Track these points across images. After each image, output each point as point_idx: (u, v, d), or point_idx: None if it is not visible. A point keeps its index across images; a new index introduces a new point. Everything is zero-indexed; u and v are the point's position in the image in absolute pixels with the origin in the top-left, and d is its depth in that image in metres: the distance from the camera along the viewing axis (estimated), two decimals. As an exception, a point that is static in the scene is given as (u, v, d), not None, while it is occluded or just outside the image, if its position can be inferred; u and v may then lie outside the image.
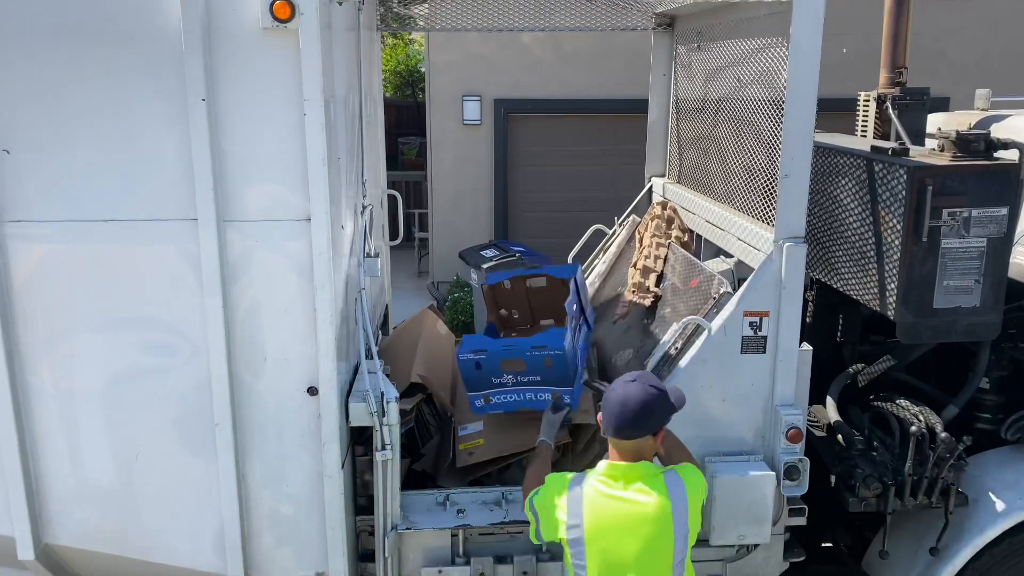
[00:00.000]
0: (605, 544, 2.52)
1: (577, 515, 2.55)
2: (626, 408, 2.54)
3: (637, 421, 2.55)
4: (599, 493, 2.56)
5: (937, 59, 10.10)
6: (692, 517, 2.58)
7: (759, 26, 3.58)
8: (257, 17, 2.78)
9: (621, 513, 2.52)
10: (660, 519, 2.52)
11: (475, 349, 3.69)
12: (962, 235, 3.23)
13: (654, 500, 2.52)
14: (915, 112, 4.50)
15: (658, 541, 2.51)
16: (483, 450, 3.60)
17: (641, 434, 2.57)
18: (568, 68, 10.10)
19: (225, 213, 2.93)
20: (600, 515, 2.54)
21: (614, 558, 2.51)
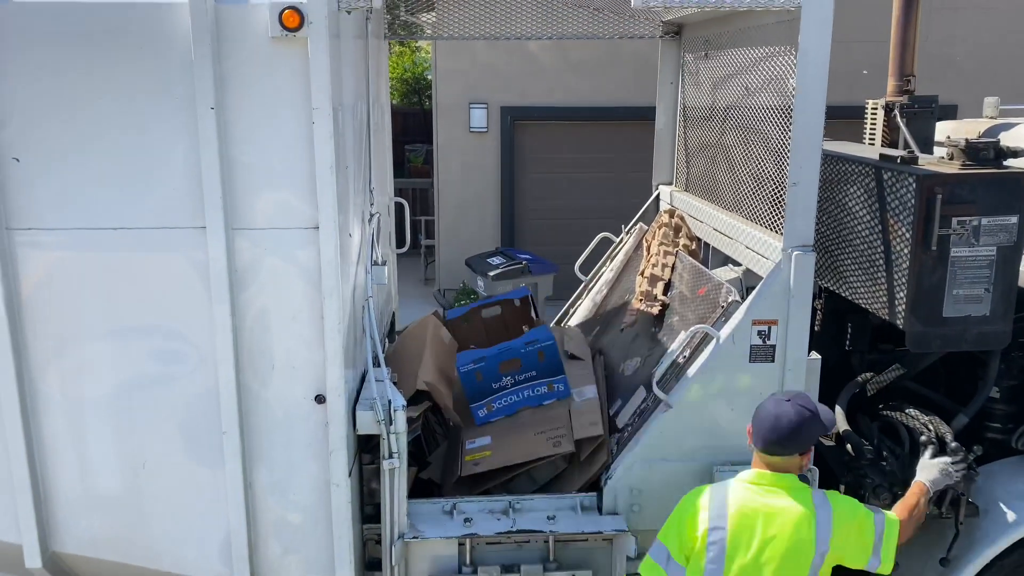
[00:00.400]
0: (748, 544, 2.61)
1: (722, 517, 2.66)
2: (779, 426, 2.69)
3: (788, 440, 2.69)
4: (746, 496, 2.67)
5: (945, 67, 10.08)
6: (836, 539, 2.63)
7: (767, 34, 3.58)
8: (266, 26, 2.79)
9: (768, 515, 2.62)
10: (802, 528, 2.60)
11: (474, 359, 3.92)
12: (972, 244, 3.22)
13: (799, 509, 2.62)
14: (923, 120, 4.48)
15: (797, 549, 2.59)
16: (489, 461, 3.61)
17: (789, 452, 2.71)
18: (574, 76, 10.12)
19: (233, 221, 2.94)
20: (745, 516, 2.64)
21: (754, 560, 2.60)
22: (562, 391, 3.89)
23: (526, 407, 3.90)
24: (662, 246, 4.24)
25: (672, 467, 3.41)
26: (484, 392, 3.93)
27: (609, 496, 3.42)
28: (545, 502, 3.45)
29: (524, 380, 3.92)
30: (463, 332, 4.76)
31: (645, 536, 3.45)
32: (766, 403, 2.78)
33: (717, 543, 2.63)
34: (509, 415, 3.89)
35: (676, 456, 3.41)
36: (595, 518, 3.41)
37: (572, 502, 3.46)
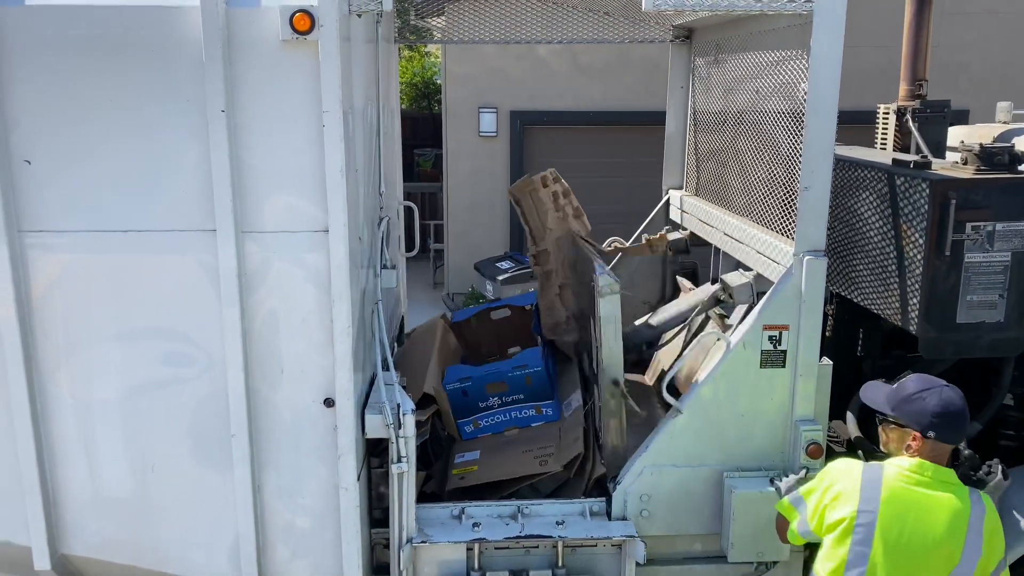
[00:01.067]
0: (899, 531, 2.52)
1: (873, 500, 2.57)
2: (956, 411, 2.59)
3: (965, 424, 2.62)
4: (903, 483, 2.57)
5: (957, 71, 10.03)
6: (987, 540, 2.54)
7: (778, 38, 3.56)
8: (277, 29, 2.79)
9: (923, 505, 2.54)
10: (957, 522, 2.52)
11: (460, 378, 3.95)
12: (986, 249, 3.19)
13: (957, 503, 2.54)
14: (935, 125, 4.45)
15: (948, 543, 2.51)
16: (475, 475, 3.62)
17: (962, 438, 2.64)
18: (584, 80, 10.11)
19: (243, 224, 2.94)
20: (900, 502, 2.55)
21: (903, 547, 2.52)
22: (551, 415, 3.90)
23: (513, 427, 3.93)
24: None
25: (682, 473, 3.39)
26: (471, 409, 3.96)
27: (618, 501, 3.40)
28: (554, 507, 3.43)
29: (511, 402, 3.95)
30: (472, 332, 4.76)
31: (655, 542, 3.44)
32: (932, 391, 2.60)
33: (865, 526, 2.54)
34: (496, 433, 3.91)
35: (686, 462, 3.39)
36: (604, 523, 3.39)
37: (581, 507, 3.44)
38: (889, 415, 2.69)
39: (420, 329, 4.87)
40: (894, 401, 2.67)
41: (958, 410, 2.59)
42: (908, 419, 2.62)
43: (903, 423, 2.63)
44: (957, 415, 2.59)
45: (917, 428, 2.60)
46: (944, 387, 2.64)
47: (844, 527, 2.59)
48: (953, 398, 2.61)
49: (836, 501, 2.62)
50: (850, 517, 2.58)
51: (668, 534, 3.46)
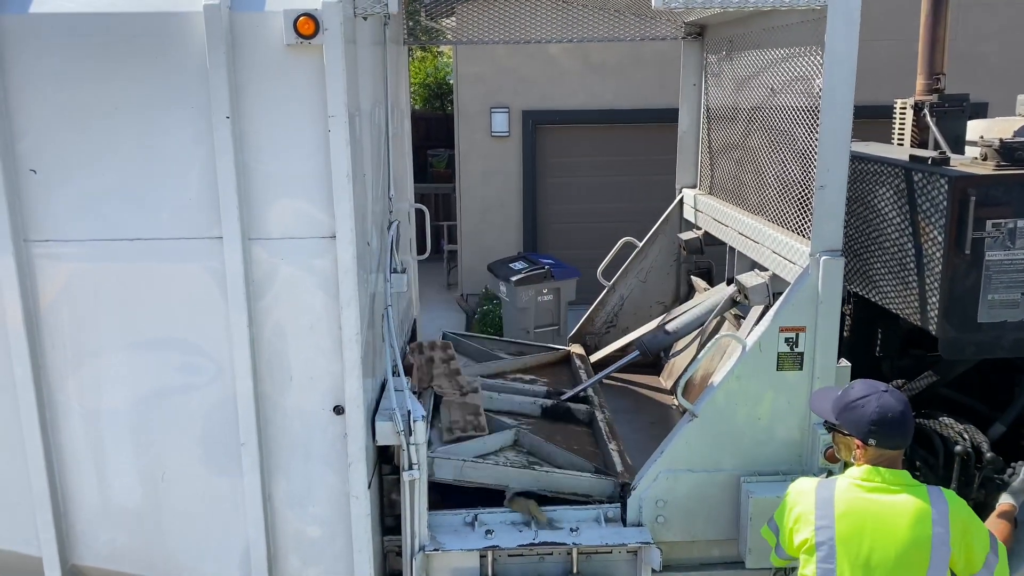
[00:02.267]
0: (859, 543, 2.47)
1: (827, 516, 2.52)
2: (903, 417, 2.52)
3: (909, 430, 2.54)
4: (856, 494, 2.52)
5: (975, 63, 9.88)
6: (954, 538, 2.45)
7: (792, 34, 3.49)
8: (281, 34, 2.76)
9: (880, 513, 2.47)
10: (919, 524, 2.44)
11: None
12: (1007, 247, 3.11)
13: (915, 504, 2.46)
14: (954, 119, 4.37)
15: (914, 548, 2.44)
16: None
17: (905, 443, 2.55)
18: (596, 79, 10.05)
19: (250, 231, 2.91)
20: (856, 514, 2.49)
21: (867, 559, 2.46)
22: None
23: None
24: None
25: (698, 478, 3.34)
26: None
27: (633, 507, 3.35)
28: (568, 513, 3.39)
29: None
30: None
31: (671, 548, 3.38)
32: (870, 398, 2.54)
33: (826, 543, 2.50)
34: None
35: (702, 466, 3.34)
36: (619, 530, 3.34)
37: (596, 513, 3.39)
38: (835, 423, 2.62)
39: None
40: (837, 409, 2.60)
41: (897, 415, 2.50)
42: (849, 427, 2.55)
43: (845, 431, 2.57)
44: (896, 421, 2.50)
45: (858, 436, 2.54)
46: (884, 392, 2.55)
47: (807, 547, 2.54)
48: (891, 403, 2.53)
49: (798, 523, 2.58)
50: (811, 537, 2.53)
51: (684, 540, 3.41)
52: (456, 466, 3.39)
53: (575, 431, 4.03)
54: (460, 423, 3.64)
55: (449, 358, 4.25)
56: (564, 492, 3.45)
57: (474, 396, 3.87)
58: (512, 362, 4.75)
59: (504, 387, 4.33)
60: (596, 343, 5.15)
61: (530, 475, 3.45)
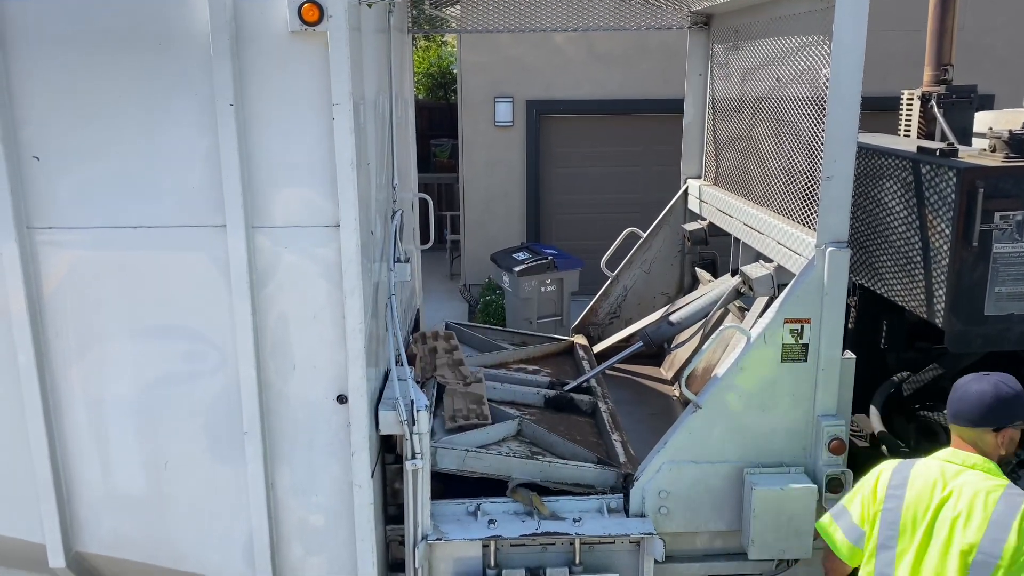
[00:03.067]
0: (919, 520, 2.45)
1: (900, 486, 2.51)
2: (967, 395, 2.52)
3: (975, 410, 2.49)
4: (930, 470, 2.50)
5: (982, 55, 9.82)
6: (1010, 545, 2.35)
7: (799, 24, 3.47)
8: (285, 21, 2.74)
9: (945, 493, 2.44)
10: (976, 515, 2.39)
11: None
12: (1015, 239, 3.09)
13: (981, 493, 2.40)
14: (961, 111, 4.34)
15: (966, 530, 2.39)
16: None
17: (977, 424, 2.49)
18: (601, 68, 10.00)
19: (254, 219, 2.90)
20: (923, 490, 2.47)
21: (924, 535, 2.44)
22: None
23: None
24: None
25: (701, 469, 3.34)
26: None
27: (636, 498, 3.35)
28: (571, 504, 3.39)
29: None
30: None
31: (673, 539, 3.39)
32: (965, 377, 2.58)
33: (892, 511, 2.49)
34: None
35: (705, 458, 3.33)
36: (622, 520, 3.34)
37: (599, 504, 3.39)
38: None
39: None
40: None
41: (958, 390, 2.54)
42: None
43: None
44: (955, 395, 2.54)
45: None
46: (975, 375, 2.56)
47: (874, 514, 2.53)
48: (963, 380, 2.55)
49: (874, 489, 2.56)
50: (880, 503, 2.52)
51: (687, 531, 3.41)
52: (459, 456, 3.39)
53: (578, 422, 4.03)
54: (463, 411, 3.63)
55: (452, 348, 4.24)
56: (567, 483, 3.45)
57: (477, 386, 3.86)
58: (515, 352, 4.74)
59: (507, 377, 4.33)
60: (599, 334, 5.15)
61: (533, 465, 3.45)
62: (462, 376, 3.94)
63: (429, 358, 4.12)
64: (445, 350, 4.23)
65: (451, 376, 3.94)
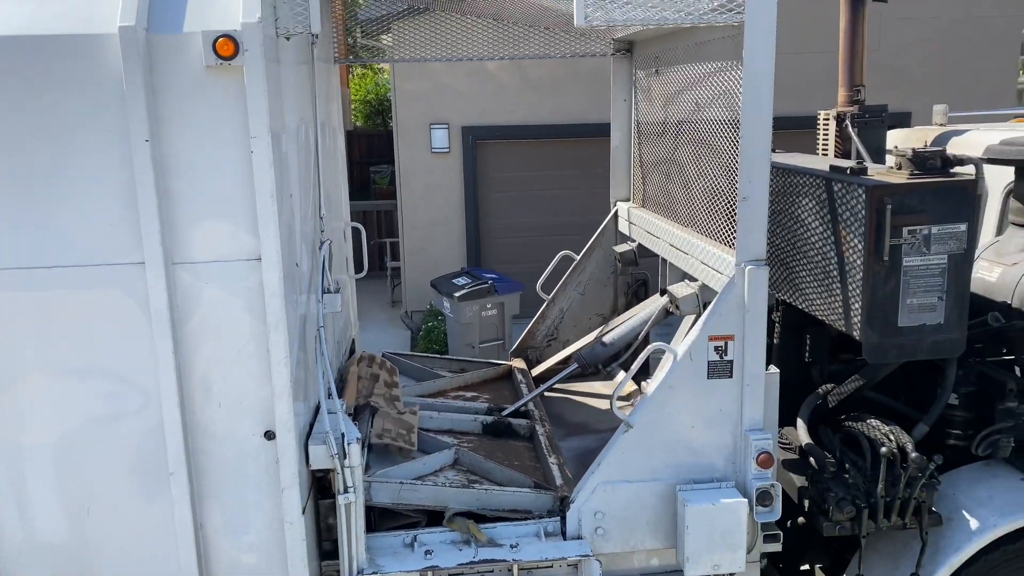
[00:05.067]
0: None
1: None
2: None
3: None
4: None
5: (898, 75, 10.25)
6: None
7: (714, 49, 3.57)
8: (200, 55, 2.72)
9: None
10: None
11: None
12: (923, 252, 3.22)
13: None
14: (874, 129, 4.53)
15: None
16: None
17: None
18: (534, 94, 10.15)
19: (173, 255, 2.86)
20: None
21: None
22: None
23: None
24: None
25: (635, 488, 3.37)
26: None
27: (573, 520, 3.36)
28: (508, 530, 3.38)
29: None
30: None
31: (611, 559, 3.40)
32: None
33: None
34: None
35: (638, 476, 3.36)
36: (559, 544, 3.35)
37: (536, 528, 3.39)
38: None
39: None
40: None
41: None
42: None
43: None
44: None
45: None
46: None
47: None
48: None
49: None
50: None
51: (624, 551, 3.43)
52: (393, 489, 3.36)
53: (516, 446, 4.03)
54: (392, 432, 3.61)
55: (393, 384, 4.21)
56: (504, 509, 3.45)
57: (410, 416, 3.85)
58: (453, 380, 4.74)
59: (444, 406, 4.32)
60: (538, 356, 5.17)
61: (469, 494, 3.43)
62: (396, 409, 3.92)
63: (369, 383, 4.09)
64: (386, 383, 4.20)
65: (386, 406, 3.92)
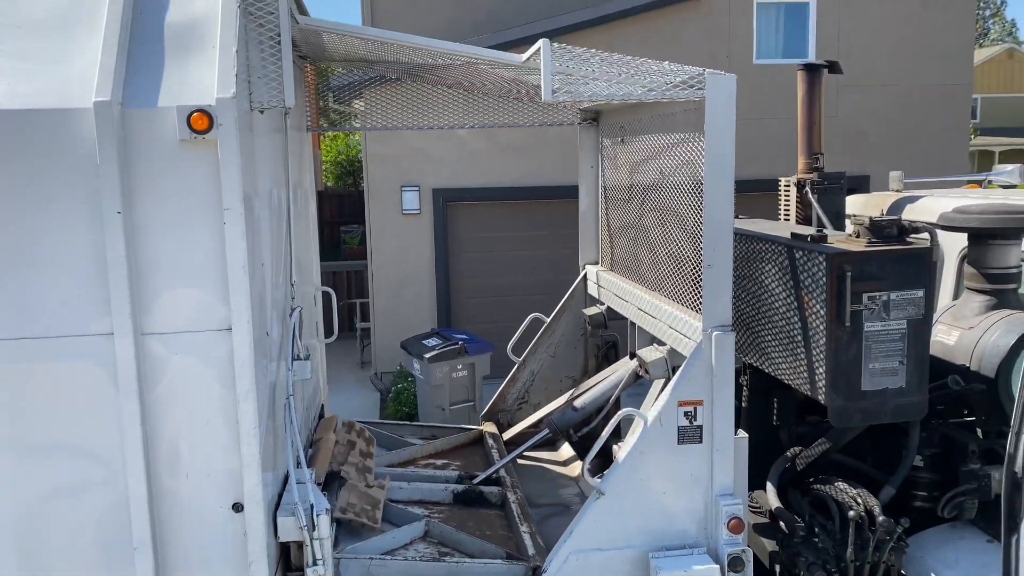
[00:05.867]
0: None
1: None
2: None
3: None
4: None
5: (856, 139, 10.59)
6: None
7: (677, 121, 3.69)
8: (174, 129, 2.76)
9: None
10: None
11: None
12: (883, 318, 3.31)
13: None
14: (833, 195, 4.68)
15: None
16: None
17: None
18: (504, 157, 10.32)
19: (143, 326, 2.85)
20: None
21: None
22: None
23: None
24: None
25: (607, 556, 3.35)
26: None
27: (545, 590, 3.32)
28: (480, 601, 3.34)
29: None
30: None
31: (584, 630, 3.36)
32: None
33: None
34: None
35: (611, 544, 3.35)
36: (532, 614, 3.31)
37: (509, 599, 3.35)
38: None
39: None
40: None
41: None
42: None
43: None
44: None
45: None
46: None
47: None
48: None
49: None
50: None
51: (596, 620, 3.39)
52: (363, 565, 3.30)
53: (487, 515, 4.00)
54: (356, 507, 3.56)
55: (368, 454, 4.18)
56: (476, 580, 3.40)
57: (378, 491, 3.80)
58: (423, 447, 4.71)
59: (414, 475, 4.28)
60: (509, 420, 5.16)
61: (440, 568, 3.39)
62: (366, 480, 3.88)
63: (344, 450, 4.05)
64: (362, 452, 4.16)
65: (356, 477, 3.88)
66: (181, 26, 2.91)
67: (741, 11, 10.57)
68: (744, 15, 10.58)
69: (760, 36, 10.70)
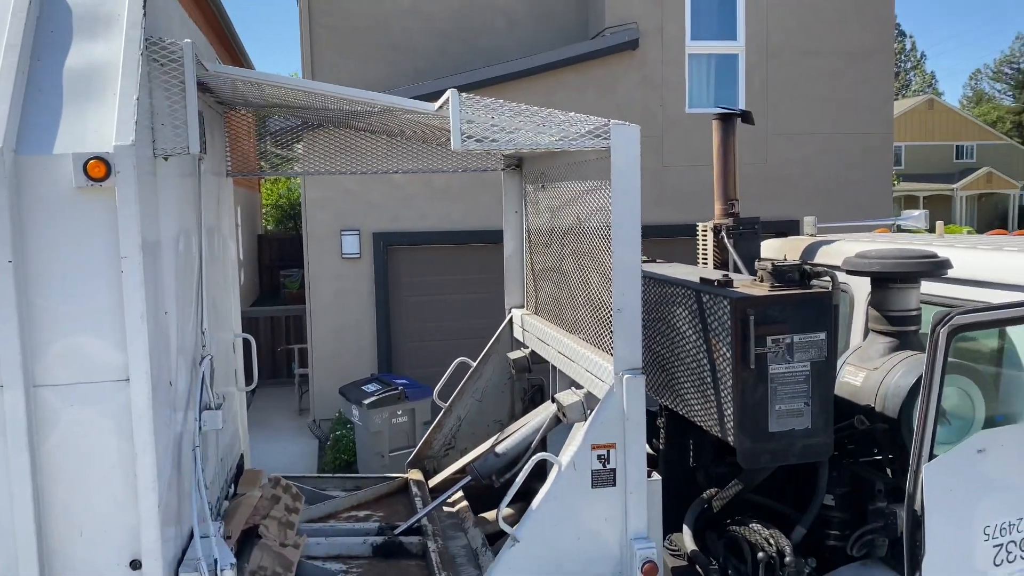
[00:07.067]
0: None
1: None
2: None
3: None
4: None
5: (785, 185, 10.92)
6: None
7: (589, 168, 3.77)
8: (70, 177, 2.72)
9: None
10: None
11: None
12: (787, 360, 3.38)
13: None
14: (748, 240, 4.80)
15: None
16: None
17: None
18: (442, 202, 10.38)
19: (35, 378, 2.77)
20: None
21: None
22: None
23: None
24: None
25: (523, 604, 3.31)
26: None
27: (460, 642, 3.27)
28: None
29: None
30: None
31: None
32: None
33: None
34: None
35: (526, 592, 3.32)
36: (445, 667, 3.24)
37: (422, 652, 3.28)
38: None
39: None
40: None
41: None
42: None
43: None
44: None
45: None
46: None
47: None
48: None
49: None
50: None
51: (513, 672, 3.34)
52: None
53: (408, 566, 3.94)
54: (268, 570, 3.47)
55: (293, 510, 4.09)
56: (390, 633, 3.33)
57: (292, 551, 3.71)
58: (345, 500, 4.63)
59: (333, 530, 4.20)
60: (435, 467, 5.11)
61: (351, 620, 3.32)
62: (284, 537, 3.79)
63: (268, 504, 3.95)
64: (287, 507, 4.07)
65: (274, 533, 3.78)
66: (81, 73, 2.90)
67: (674, 61, 10.90)
68: (677, 65, 10.90)
69: (692, 86, 11.03)
